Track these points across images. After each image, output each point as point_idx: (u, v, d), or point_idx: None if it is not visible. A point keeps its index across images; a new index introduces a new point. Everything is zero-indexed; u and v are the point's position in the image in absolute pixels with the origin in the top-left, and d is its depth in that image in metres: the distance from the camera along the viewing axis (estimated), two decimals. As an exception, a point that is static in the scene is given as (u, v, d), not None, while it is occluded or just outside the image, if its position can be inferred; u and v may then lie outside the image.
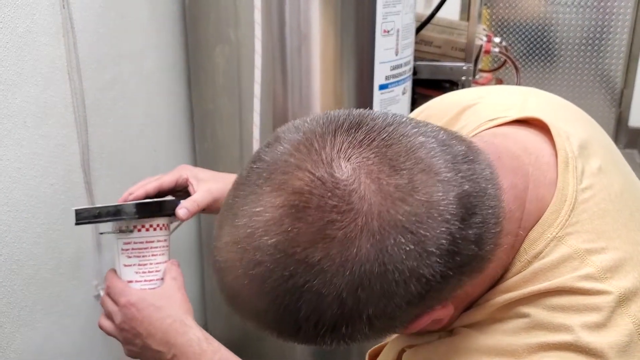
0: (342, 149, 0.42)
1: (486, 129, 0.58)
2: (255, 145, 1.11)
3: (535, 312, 0.48)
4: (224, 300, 0.50)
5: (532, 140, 0.54)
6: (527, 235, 0.50)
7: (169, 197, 0.83)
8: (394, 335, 0.58)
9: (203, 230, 1.47)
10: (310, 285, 0.41)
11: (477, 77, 1.80)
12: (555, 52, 3.65)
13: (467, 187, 0.43)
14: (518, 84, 2.03)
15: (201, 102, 1.31)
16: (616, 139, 3.68)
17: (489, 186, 0.46)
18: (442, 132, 0.46)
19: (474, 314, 0.52)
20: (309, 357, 1.37)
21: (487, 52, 1.80)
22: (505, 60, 2.05)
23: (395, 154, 0.42)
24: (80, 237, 1.05)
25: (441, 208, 0.42)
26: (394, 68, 1.27)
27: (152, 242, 0.77)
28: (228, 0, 1.16)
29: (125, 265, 0.77)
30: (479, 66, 1.79)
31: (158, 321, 0.71)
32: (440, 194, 0.42)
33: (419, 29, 1.55)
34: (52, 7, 0.94)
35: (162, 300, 0.73)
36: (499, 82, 2.31)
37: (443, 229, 0.42)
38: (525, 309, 0.48)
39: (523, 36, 3.67)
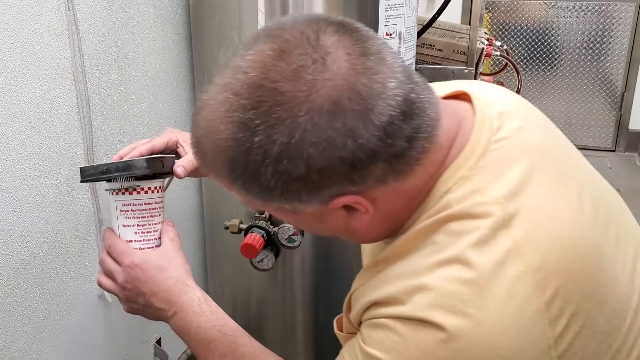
0: (332, 29, 0.53)
1: None
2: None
3: (442, 238, 0.56)
4: (193, 140, 0.58)
5: (463, 106, 0.65)
6: (443, 174, 0.59)
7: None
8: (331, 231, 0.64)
9: (205, 228, 1.47)
10: (272, 110, 0.51)
11: (478, 80, 1.80)
12: (556, 56, 3.66)
13: (413, 96, 0.54)
14: (519, 87, 2.04)
15: (204, 103, 1.32)
16: (616, 142, 3.68)
17: (431, 109, 0.56)
18: (408, 65, 0.57)
19: (400, 242, 0.60)
20: (309, 345, 1.37)
21: (488, 55, 1.81)
22: (506, 64, 2.06)
23: (369, 49, 0.53)
24: (84, 237, 1.06)
25: (390, 94, 0.52)
26: (396, 71, 1.28)
27: (151, 203, 0.79)
28: (232, 3, 1.17)
29: (124, 226, 0.78)
30: (480, 69, 1.80)
31: (161, 281, 0.75)
32: (392, 85, 0.53)
33: (420, 33, 1.55)
34: (57, 9, 0.95)
35: (165, 261, 0.76)
36: (500, 85, 2.31)
37: (386, 110, 0.52)
38: (436, 237, 0.57)
39: (524, 40, 3.68)
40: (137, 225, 0.78)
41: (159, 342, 1.36)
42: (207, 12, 1.22)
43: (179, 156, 0.84)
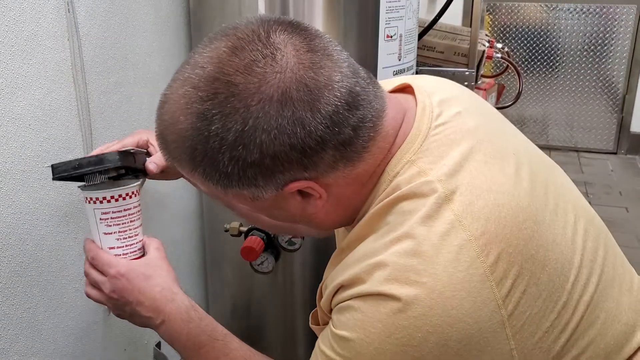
0: (281, 28, 0.58)
1: None
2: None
3: (394, 218, 0.61)
4: (157, 133, 0.62)
5: (407, 97, 0.70)
6: (390, 160, 0.63)
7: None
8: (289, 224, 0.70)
9: (205, 230, 1.47)
10: (227, 100, 0.55)
11: (479, 82, 1.80)
12: (557, 58, 3.66)
13: (358, 88, 0.59)
14: (520, 89, 2.04)
15: (204, 106, 1.32)
16: (618, 144, 3.68)
17: (376, 101, 0.61)
18: (354, 61, 0.62)
19: (358, 228, 0.65)
20: (309, 348, 1.37)
21: (490, 57, 1.81)
22: (507, 66, 2.06)
23: (315, 46, 0.58)
24: (83, 240, 1.05)
25: (335, 86, 0.57)
26: (396, 73, 1.27)
27: (129, 209, 0.79)
28: (233, 5, 1.17)
29: (105, 234, 0.78)
30: (481, 72, 1.80)
31: (147, 289, 0.75)
32: (337, 79, 0.58)
33: (421, 35, 1.55)
34: (57, 11, 0.95)
35: (150, 269, 0.77)
36: (502, 87, 2.31)
37: (331, 100, 0.57)
38: (389, 218, 0.62)
39: (525, 42, 3.68)
40: (119, 232, 0.78)
41: (158, 345, 1.35)
42: (207, 15, 1.22)
43: (149, 155, 0.84)
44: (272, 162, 0.57)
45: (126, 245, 0.79)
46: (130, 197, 0.79)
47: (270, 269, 1.26)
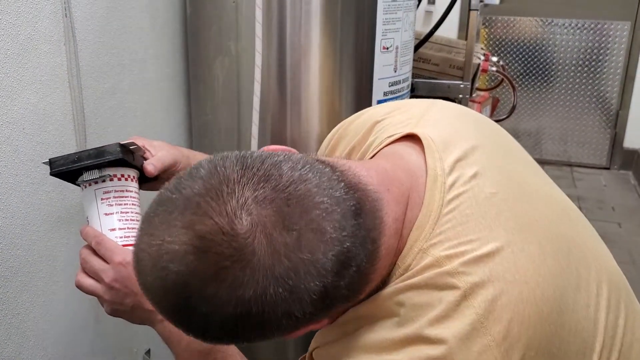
0: (246, 204, 0.49)
1: (385, 145, 0.67)
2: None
3: (404, 311, 0.56)
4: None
5: (414, 161, 0.62)
6: (401, 251, 0.58)
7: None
8: None
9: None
10: (200, 309, 0.50)
11: (474, 95, 1.81)
12: (552, 73, 3.68)
13: (347, 244, 0.51)
14: (515, 102, 2.05)
15: (200, 113, 1.32)
16: (611, 160, 3.70)
17: (369, 234, 0.54)
18: (340, 187, 0.53)
19: (365, 307, 0.60)
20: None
21: (485, 70, 1.82)
22: (502, 79, 2.07)
23: (291, 213, 0.50)
24: (74, 246, 1.05)
25: (319, 265, 0.50)
26: (392, 84, 1.28)
27: (131, 191, 0.76)
28: (230, 13, 1.17)
29: (106, 214, 0.74)
30: (476, 84, 1.81)
31: None
32: (320, 254, 0.50)
33: (417, 47, 1.56)
34: (54, 16, 0.95)
35: None
36: (496, 100, 2.32)
37: (317, 282, 0.50)
38: (399, 309, 0.57)
39: (520, 56, 3.71)
40: (120, 212, 0.75)
41: (148, 353, 1.34)
42: (204, 22, 1.22)
43: (146, 159, 0.84)
44: (261, 339, 0.53)
45: (128, 228, 0.75)
46: (132, 180, 0.76)
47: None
